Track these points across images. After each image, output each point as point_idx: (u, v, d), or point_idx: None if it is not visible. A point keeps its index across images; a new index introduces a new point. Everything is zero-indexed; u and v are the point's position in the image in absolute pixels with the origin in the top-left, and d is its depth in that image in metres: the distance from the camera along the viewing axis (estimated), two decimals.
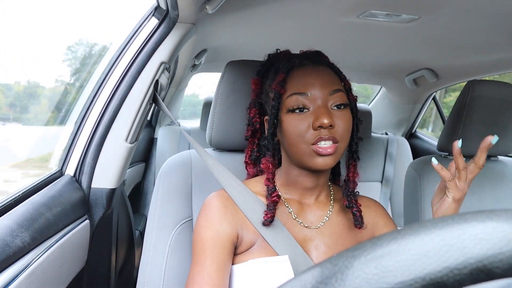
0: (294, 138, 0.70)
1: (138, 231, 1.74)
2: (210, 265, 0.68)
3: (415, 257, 0.21)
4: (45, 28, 1.20)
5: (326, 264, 0.23)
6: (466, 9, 1.07)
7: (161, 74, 1.05)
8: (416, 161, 1.30)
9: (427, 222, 0.23)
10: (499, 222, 0.22)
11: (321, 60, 0.75)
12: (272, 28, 1.35)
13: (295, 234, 0.74)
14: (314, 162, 0.70)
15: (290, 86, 0.72)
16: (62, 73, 1.41)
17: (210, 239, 0.70)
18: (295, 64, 0.74)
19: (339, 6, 1.11)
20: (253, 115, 0.82)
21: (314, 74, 0.72)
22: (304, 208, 0.78)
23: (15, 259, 0.65)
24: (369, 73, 2.21)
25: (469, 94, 1.18)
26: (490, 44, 1.38)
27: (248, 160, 0.86)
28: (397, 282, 0.21)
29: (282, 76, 0.73)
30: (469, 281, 0.21)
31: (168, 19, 1.02)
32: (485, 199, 1.22)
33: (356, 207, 0.75)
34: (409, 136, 2.52)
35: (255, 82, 0.84)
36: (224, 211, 0.73)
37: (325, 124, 0.67)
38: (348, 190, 0.76)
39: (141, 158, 2.44)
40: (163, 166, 0.93)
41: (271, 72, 0.80)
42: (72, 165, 1.00)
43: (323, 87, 0.70)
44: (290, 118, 0.71)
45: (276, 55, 0.84)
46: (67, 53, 1.43)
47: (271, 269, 0.69)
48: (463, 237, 0.22)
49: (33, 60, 1.21)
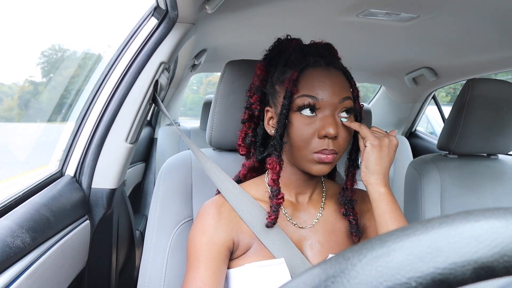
0: (299, 143, 0.70)
1: (138, 231, 1.73)
2: (204, 271, 0.68)
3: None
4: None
5: (329, 263, 0.23)
6: (465, 8, 1.07)
7: (161, 74, 1.05)
8: (416, 160, 1.30)
9: (430, 221, 0.23)
10: (498, 220, 0.22)
11: (335, 63, 0.73)
12: (271, 28, 1.35)
13: (290, 235, 0.74)
14: (312, 168, 0.70)
15: (302, 86, 0.70)
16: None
17: (205, 245, 0.70)
18: (309, 63, 0.71)
19: (339, 5, 1.11)
20: (254, 101, 0.80)
21: (327, 78, 0.70)
22: (298, 208, 0.78)
23: (15, 260, 0.65)
24: (368, 72, 2.21)
25: (469, 93, 1.18)
26: (490, 43, 1.38)
27: (241, 142, 0.84)
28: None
29: (296, 74, 0.70)
30: (471, 280, 0.21)
31: (167, 19, 1.02)
32: (485, 198, 1.22)
33: (352, 215, 0.75)
34: (409, 135, 2.52)
35: (261, 67, 0.80)
36: (218, 218, 0.72)
37: (331, 135, 0.67)
38: (346, 198, 0.76)
39: (141, 158, 2.44)
40: (163, 166, 0.93)
41: (280, 62, 0.76)
42: (72, 165, 1.00)
43: (334, 94, 0.69)
44: (297, 120, 0.70)
45: (286, 42, 0.81)
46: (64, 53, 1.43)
47: (268, 272, 0.68)
48: (464, 235, 0.22)
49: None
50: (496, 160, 1.30)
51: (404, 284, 0.21)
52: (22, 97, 1.31)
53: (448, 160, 1.27)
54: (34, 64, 1.31)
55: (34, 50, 1.31)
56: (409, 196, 1.29)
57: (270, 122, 0.77)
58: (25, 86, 1.33)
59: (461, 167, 1.25)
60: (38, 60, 1.34)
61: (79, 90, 1.24)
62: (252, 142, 0.82)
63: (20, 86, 1.33)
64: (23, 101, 1.33)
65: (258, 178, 0.82)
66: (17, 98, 1.33)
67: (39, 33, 1.25)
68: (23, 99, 1.32)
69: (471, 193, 1.21)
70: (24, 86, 1.33)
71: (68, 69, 1.43)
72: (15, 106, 1.33)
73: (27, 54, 1.27)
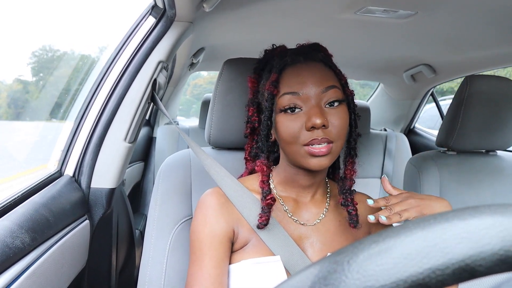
0: (288, 139, 0.69)
1: (138, 231, 1.74)
2: (209, 262, 0.69)
3: (396, 260, 0.21)
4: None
5: (310, 269, 0.23)
6: (463, 5, 1.07)
7: (159, 73, 1.05)
8: (415, 157, 1.30)
9: (409, 223, 0.23)
10: (481, 219, 0.22)
11: (314, 56, 0.72)
12: (269, 26, 1.35)
13: (291, 232, 0.74)
14: (309, 162, 0.68)
15: (283, 86, 0.70)
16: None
17: (207, 236, 0.70)
18: (287, 62, 0.72)
19: (337, 2, 1.11)
20: (251, 113, 0.82)
21: (305, 72, 0.70)
22: (300, 206, 0.78)
23: (15, 260, 0.65)
24: (367, 69, 2.21)
25: (467, 90, 1.18)
26: (488, 39, 1.38)
27: (248, 156, 0.86)
28: (379, 286, 0.21)
29: (275, 76, 0.71)
30: (452, 281, 0.21)
31: (165, 18, 1.02)
32: (484, 194, 1.22)
33: (351, 205, 0.74)
34: (408, 132, 2.52)
35: (252, 80, 0.82)
36: (219, 208, 0.73)
37: (317, 125, 0.65)
38: (344, 188, 0.75)
39: (140, 158, 2.43)
40: (162, 165, 0.93)
41: (266, 70, 0.78)
42: (71, 165, 1.00)
43: (315, 85, 0.68)
44: (282, 118, 0.70)
45: (271, 51, 0.82)
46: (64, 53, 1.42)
47: (263, 269, 0.69)
48: (444, 236, 0.21)
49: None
50: (494, 156, 1.30)
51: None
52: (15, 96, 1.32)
53: (447, 157, 1.27)
54: (25, 64, 1.31)
55: (26, 50, 1.31)
56: None
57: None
58: (15, 85, 1.33)
59: (460, 164, 1.25)
60: (29, 60, 1.34)
61: (69, 90, 1.24)
62: (257, 154, 0.84)
63: (9, 85, 1.33)
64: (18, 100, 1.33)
65: (258, 173, 0.82)
66: (5, 97, 1.33)
67: (37, 33, 1.25)
68: (14, 98, 1.32)
69: (470, 189, 1.22)
70: (13, 85, 1.33)
71: (61, 69, 1.43)
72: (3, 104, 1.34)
73: (20, 55, 1.27)
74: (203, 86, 9.02)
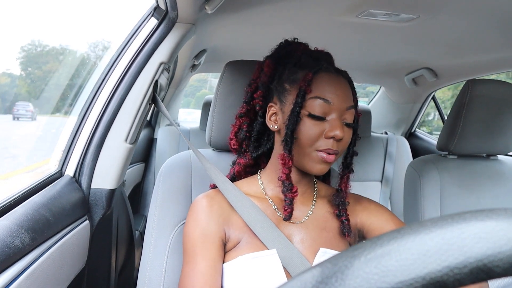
0: (305, 141, 0.72)
1: (138, 232, 1.73)
2: (202, 262, 0.70)
3: (415, 256, 0.21)
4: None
5: (326, 264, 0.23)
6: (465, 9, 1.07)
7: (161, 75, 1.05)
8: (416, 161, 1.30)
9: (427, 222, 0.23)
10: (498, 221, 0.22)
11: (344, 73, 0.77)
12: (271, 28, 1.35)
13: (281, 229, 0.76)
14: (314, 166, 0.73)
15: (315, 88, 0.73)
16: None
17: (199, 237, 0.72)
18: (322, 68, 0.75)
19: (339, 5, 1.11)
20: (257, 96, 0.82)
21: (337, 84, 0.74)
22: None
23: (14, 260, 0.65)
24: (368, 73, 2.21)
25: (468, 93, 1.18)
26: (489, 44, 1.38)
27: (234, 136, 0.86)
28: (397, 282, 0.21)
29: (310, 75, 0.73)
30: (469, 280, 0.21)
31: (167, 19, 1.02)
32: (484, 198, 1.22)
33: (345, 216, 0.77)
34: (409, 136, 2.52)
35: (269, 65, 0.82)
36: (210, 210, 0.75)
37: (338, 137, 0.71)
38: (340, 200, 0.79)
39: (141, 159, 2.43)
40: (163, 166, 0.93)
41: (290, 62, 0.79)
42: (71, 165, 1.00)
43: (343, 101, 0.73)
44: (308, 122, 0.72)
45: (296, 44, 0.84)
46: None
47: (260, 263, 0.70)
48: (463, 236, 0.22)
49: None
50: (495, 161, 1.30)
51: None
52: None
53: (448, 161, 1.27)
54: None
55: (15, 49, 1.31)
56: (408, 197, 1.29)
57: (272, 118, 0.79)
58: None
59: (461, 168, 1.25)
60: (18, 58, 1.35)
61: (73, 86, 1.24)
62: (246, 137, 0.85)
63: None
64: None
65: (251, 177, 0.85)
66: None
67: (45, 34, 1.26)
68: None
69: (470, 193, 1.22)
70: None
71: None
72: None
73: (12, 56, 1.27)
74: (189, 84, 9.03)
